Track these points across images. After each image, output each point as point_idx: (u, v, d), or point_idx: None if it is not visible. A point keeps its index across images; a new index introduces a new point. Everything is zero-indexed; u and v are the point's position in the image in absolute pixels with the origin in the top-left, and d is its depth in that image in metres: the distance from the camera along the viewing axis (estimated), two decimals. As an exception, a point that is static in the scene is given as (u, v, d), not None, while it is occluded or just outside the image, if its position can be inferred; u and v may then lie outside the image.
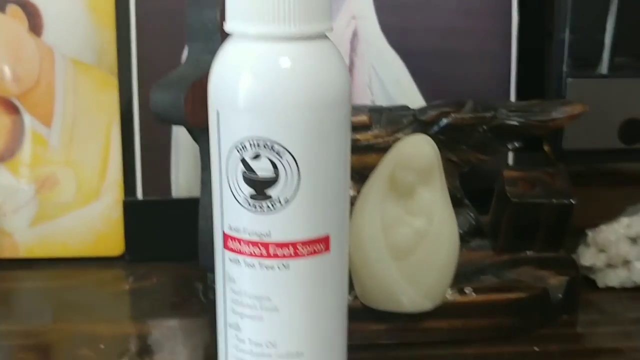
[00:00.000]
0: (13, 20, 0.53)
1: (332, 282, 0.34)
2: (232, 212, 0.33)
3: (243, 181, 0.32)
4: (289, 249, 0.33)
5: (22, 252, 0.55)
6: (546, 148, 0.54)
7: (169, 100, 0.41)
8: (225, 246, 0.34)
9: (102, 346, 0.44)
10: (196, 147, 0.44)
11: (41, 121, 0.54)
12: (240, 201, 0.32)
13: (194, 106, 0.40)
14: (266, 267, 0.33)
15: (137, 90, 0.54)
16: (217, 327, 0.36)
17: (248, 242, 0.33)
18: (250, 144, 0.31)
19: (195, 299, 0.49)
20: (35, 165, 0.54)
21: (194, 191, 0.51)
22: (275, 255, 0.33)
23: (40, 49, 0.53)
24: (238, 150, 0.31)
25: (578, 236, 0.51)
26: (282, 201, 0.32)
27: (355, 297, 0.43)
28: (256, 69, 0.31)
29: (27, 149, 0.54)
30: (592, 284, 0.50)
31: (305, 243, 0.33)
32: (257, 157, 0.31)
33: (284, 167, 0.31)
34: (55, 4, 0.53)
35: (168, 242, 0.54)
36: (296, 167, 0.31)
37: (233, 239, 0.33)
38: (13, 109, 0.54)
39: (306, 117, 0.31)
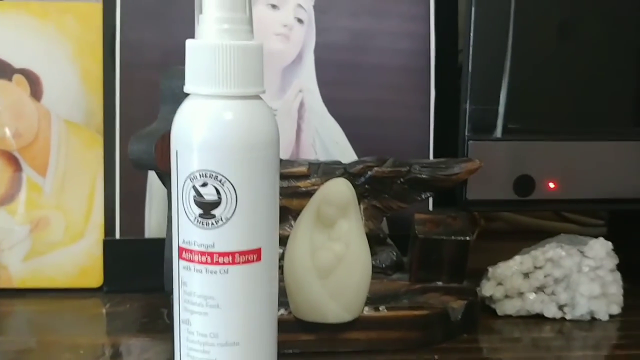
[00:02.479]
0: (17, 87, 0.63)
1: (264, 285, 0.44)
2: (185, 229, 0.43)
3: (194, 203, 0.42)
4: (228, 257, 0.42)
5: (16, 283, 0.64)
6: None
7: (143, 148, 0.51)
8: (180, 257, 0.44)
9: (81, 352, 0.53)
10: (166, 196, 0.52)
11: (37, 172, 0.64)
12: (191, 219, 0.42)
13: (163, 153, 0.50)
14: (211, 272, 0.42)
15: (119, 147, 0.64)
16: (174, 326, 0.45)
17: (197, 252, 0.43)
18: (200, 175, 0.41)
19: (161, 320, 0.58)
20: (30, 209, 0.64)
21: (165, 232, 0.60)
22: (218, 263, 0.42)
23: (39, 111, 0.64)
24: (191, 180, 0.42)
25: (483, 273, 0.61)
26: (224, 219, 0.42)
27: (290, 312, 0.53)
28: (205, 119, 0.41)
29: (24, 195, 0.64)
30: (493, 312, 0.60)
31: (241, 253, 0.42)
32: (204, 185, 0.41)
33: (225, 193, 0.41)
34: (53, 74, 0.63)
35: (141, 276, 0.63)
36: (234, 193, 0.41)
37: (186, 250, 0.43)
38: (14, 161, 0.64)
39: (242, 156, 0.41)
